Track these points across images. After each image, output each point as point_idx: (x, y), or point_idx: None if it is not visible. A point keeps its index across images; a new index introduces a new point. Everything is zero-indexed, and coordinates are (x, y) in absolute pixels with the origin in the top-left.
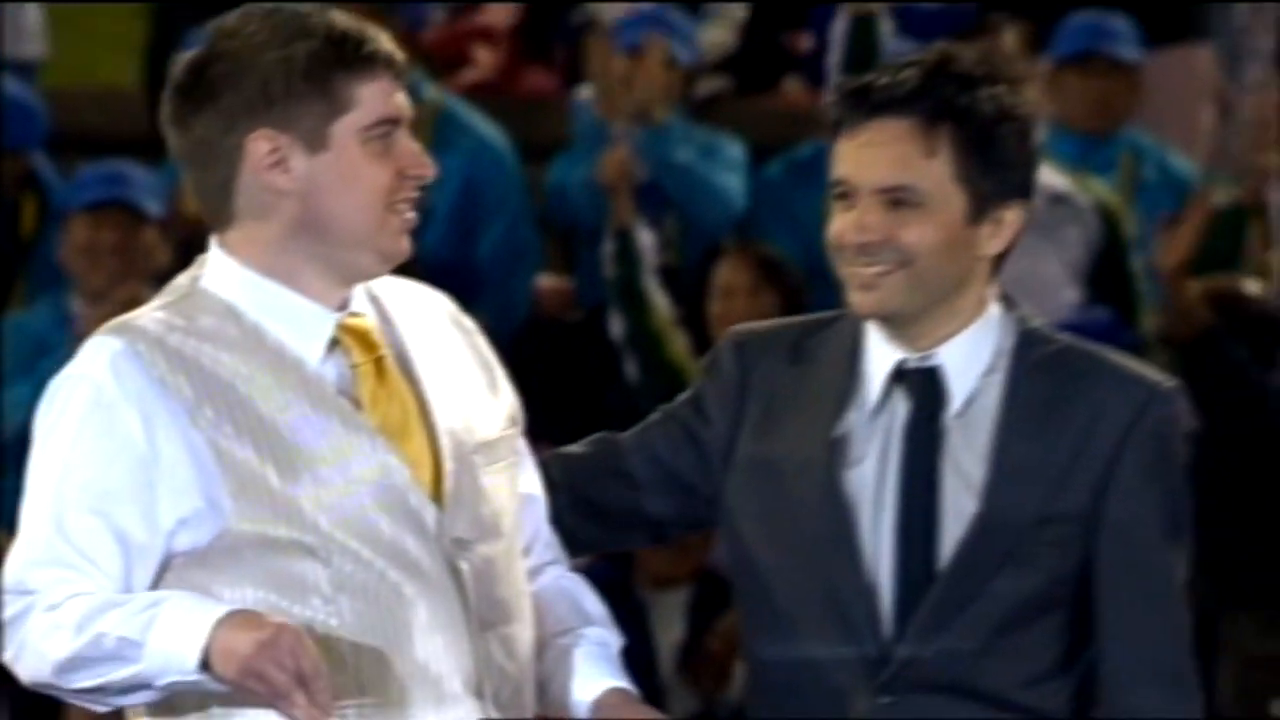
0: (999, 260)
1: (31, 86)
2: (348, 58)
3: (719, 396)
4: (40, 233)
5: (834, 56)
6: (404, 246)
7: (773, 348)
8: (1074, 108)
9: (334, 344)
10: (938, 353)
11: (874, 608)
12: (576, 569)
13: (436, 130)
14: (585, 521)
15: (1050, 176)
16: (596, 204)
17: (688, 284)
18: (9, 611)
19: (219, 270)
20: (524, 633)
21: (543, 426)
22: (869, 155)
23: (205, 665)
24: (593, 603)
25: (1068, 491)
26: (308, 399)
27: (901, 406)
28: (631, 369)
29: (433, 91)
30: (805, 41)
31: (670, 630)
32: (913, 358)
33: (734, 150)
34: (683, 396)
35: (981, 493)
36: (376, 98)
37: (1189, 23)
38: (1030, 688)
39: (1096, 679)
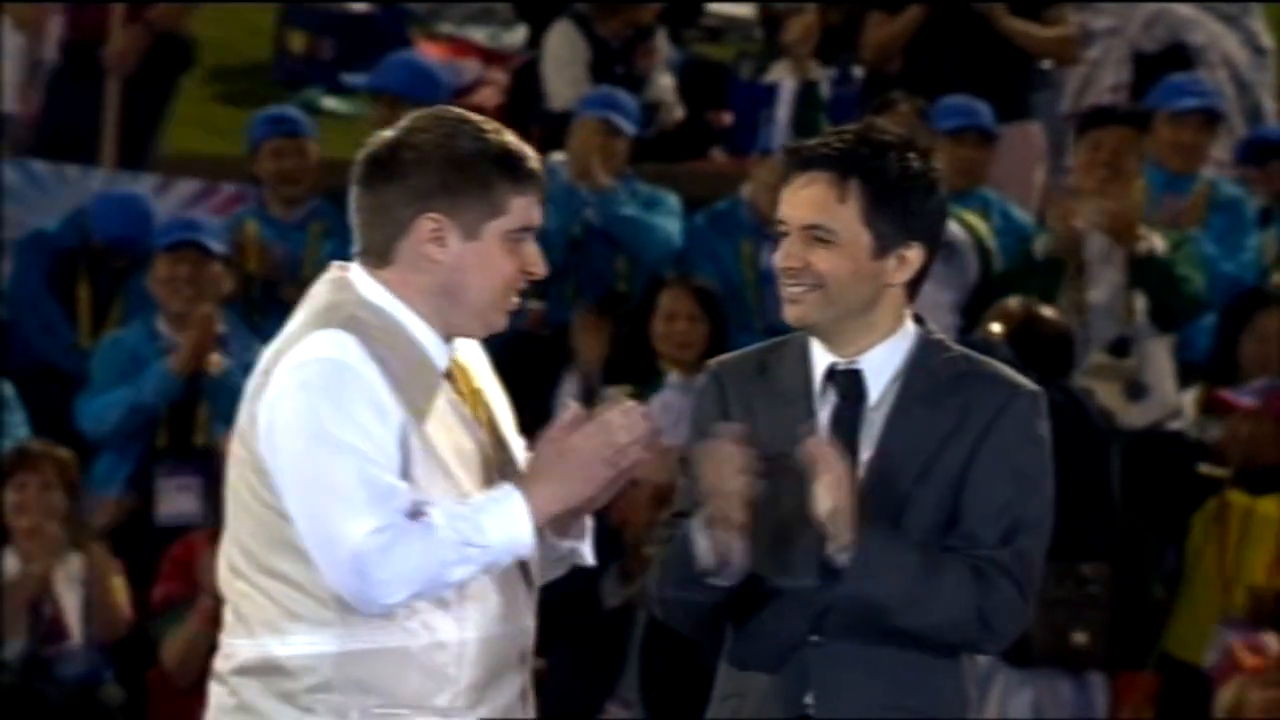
0: (911, 287)
1: None
2: (512, 172)
3: (709, 417)
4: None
5: (781, 113)
6: (504, 324)
7: (741, 369)
8: (945, 169)
9: (446, 373)
10: (860, 359)
11: (806, 560)
12: None
13: None
14: None
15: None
16: (560, 248)
17: (635, 308)
18: (373, 547)
19: (376, 294)
20: None
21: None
22: (797, 200)
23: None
24: None
25: (941, 471)
26: (451, 407)
27: (831, 399)
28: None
29: None
30: (726, 119)
31: None
32: (841, 362)
33: (671, 200)
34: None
35: (884, 475)
36: (525, 208)
37: (1023, 104)
38: None
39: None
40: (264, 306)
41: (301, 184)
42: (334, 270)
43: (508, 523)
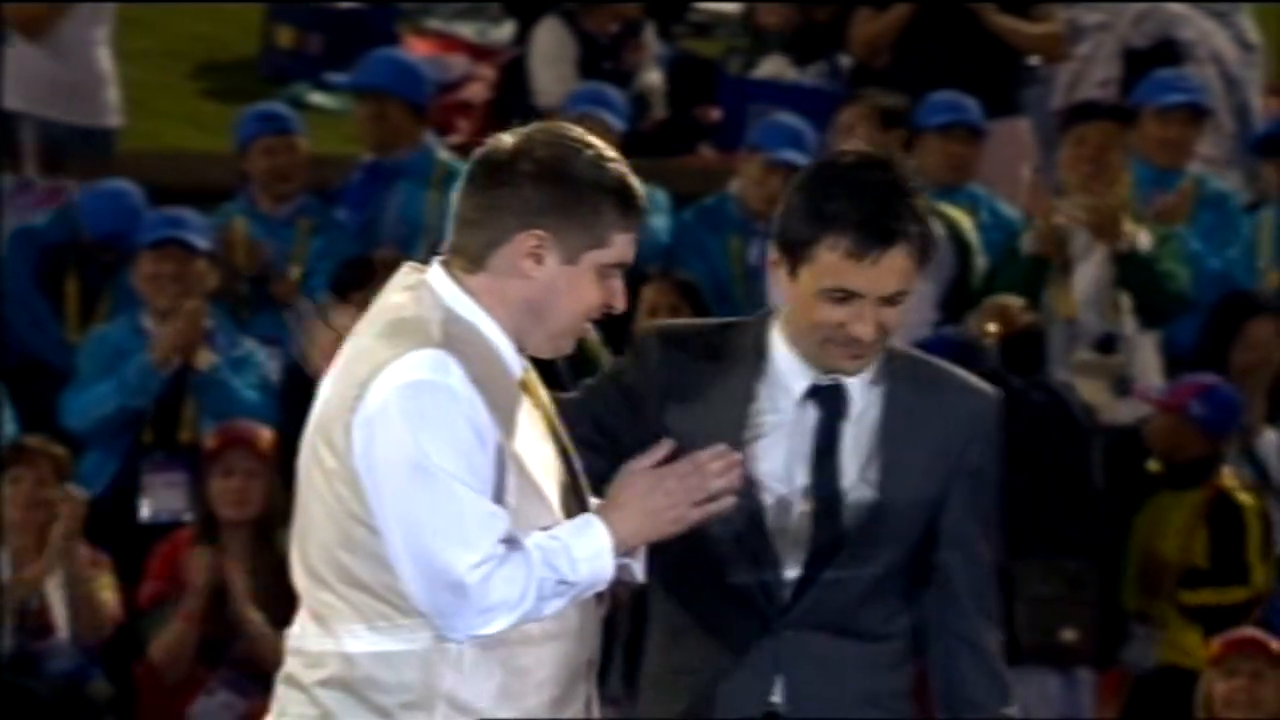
0: None
1: (111, 149)
2: (623, 208)
3: (646, 381)
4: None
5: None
6: (571, 349)
7: (688, 343)
8: (934, 165)
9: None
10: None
11: (777, 563)
12: None
13: (444, 182)
14: None
15: None
16: None
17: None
18: (476, 580)
19: (460, 303)
20: None
21: None
22: (882, 274)
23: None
24: None
25: (930, 482)
26: (530, 422)
27: (811, 414)
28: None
29: (443, 153)
30: (714, 114)
31: None
32: (824, 379)
33: (660, 197)
34: (610, 374)
35: (876, 485)
36: (625, 245)
37: (1011, 101)
38: (886, 622)
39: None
40: (251, 303)
41: (292, 181)
42: (409, 274)
43: (593, 556)
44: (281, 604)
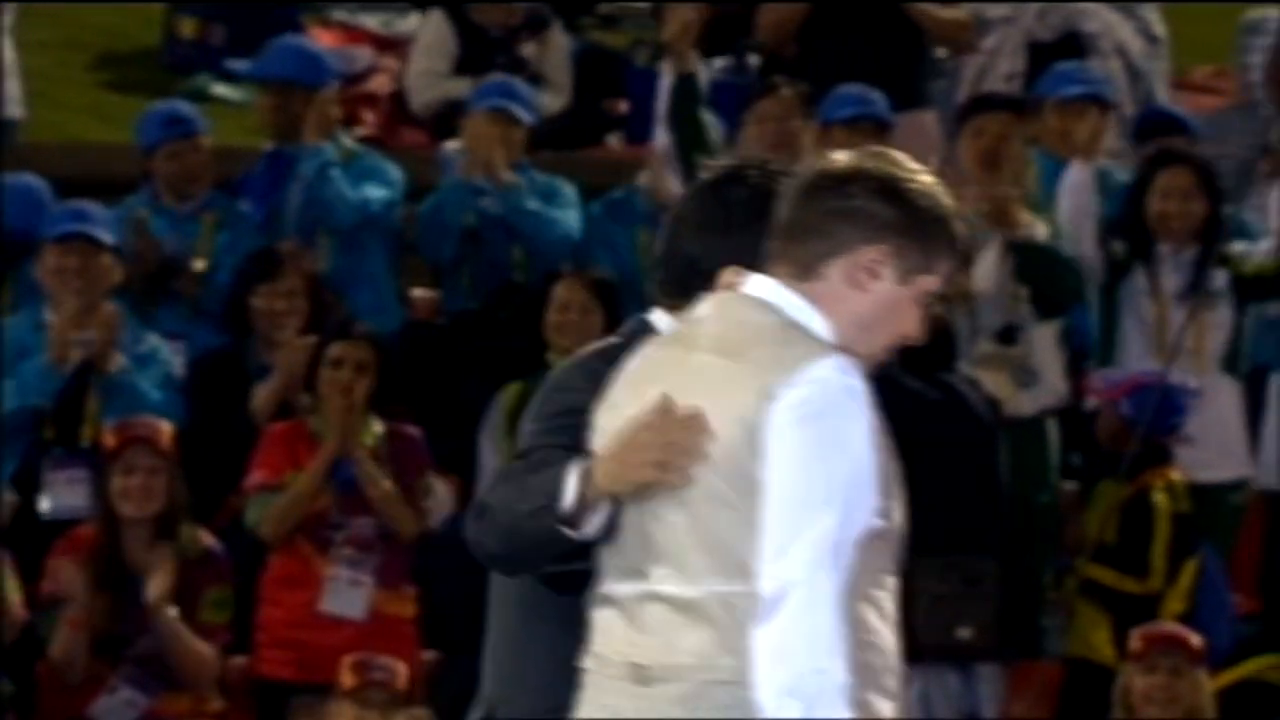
0: None
1: (12, 142)
2: (951, 238)
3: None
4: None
5: (660, 107)
6: (869, 373)
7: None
8: None
9: None
10: None
11: None
12: None
13: (350, 165)
14: None
15: None
16: (454, 241)
17: (530, 299)
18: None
19: (801, 313)
20: None
21: (413, 405)
22: None
23: None
24: None
25: None
26: None
27: None
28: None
29: (348, 141)
30: (622, 106)
31: None
32: None
33: (569, 191)
34: (569, 408)
35: None
36: (946, 277)
37: (918, 93)
38: None
39: None
40: (154, 297)
41: (200, 180)
42: (722, 293)
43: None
44: (182, 598)
